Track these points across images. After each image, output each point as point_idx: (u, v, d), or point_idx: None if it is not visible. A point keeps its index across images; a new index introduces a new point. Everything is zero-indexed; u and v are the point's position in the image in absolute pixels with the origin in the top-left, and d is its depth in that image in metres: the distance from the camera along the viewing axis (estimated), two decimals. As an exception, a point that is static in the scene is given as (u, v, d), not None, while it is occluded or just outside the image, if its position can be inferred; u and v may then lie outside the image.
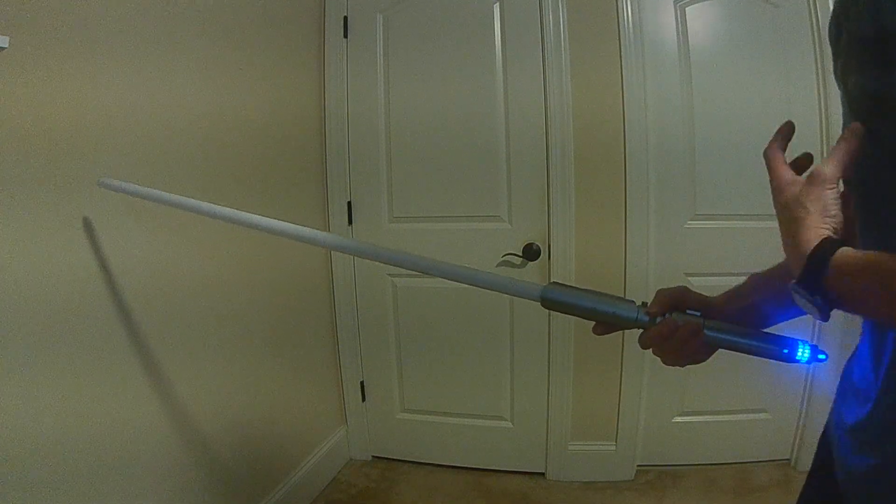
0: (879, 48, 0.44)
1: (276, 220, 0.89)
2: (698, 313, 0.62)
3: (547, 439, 2.10)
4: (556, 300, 0.65)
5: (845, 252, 0.45)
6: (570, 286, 0.66)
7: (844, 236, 0.48)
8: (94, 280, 1.16)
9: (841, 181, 0.49)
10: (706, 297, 0.66)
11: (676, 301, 0.63)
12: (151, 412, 1.33)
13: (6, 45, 0.93)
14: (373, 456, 2.28)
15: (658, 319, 0.62)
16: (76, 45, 1.10)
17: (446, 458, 2.20)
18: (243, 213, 0.94)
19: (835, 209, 0.48)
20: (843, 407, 0.59)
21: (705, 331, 0.60)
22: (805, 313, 0.50)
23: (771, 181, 0.52)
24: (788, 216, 0.50)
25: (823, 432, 0.68)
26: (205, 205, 1.00)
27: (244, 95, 1.65)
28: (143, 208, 1.26)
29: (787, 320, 0.66)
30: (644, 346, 0.62)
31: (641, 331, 0.63)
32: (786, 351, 0.57)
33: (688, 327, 0.60)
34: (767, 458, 2.05)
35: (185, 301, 1.43)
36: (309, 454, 2.02)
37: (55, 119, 1.06)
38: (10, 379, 0.98)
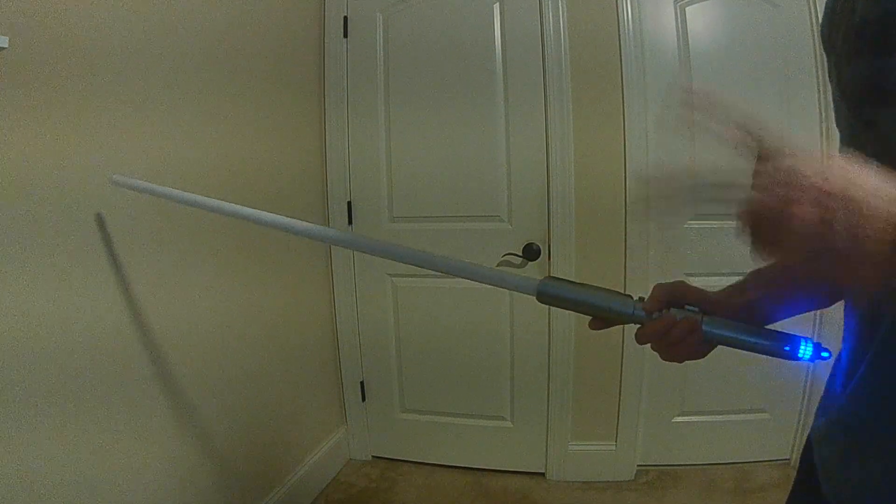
0: (880, 32, 0.43)
1: (281, 217, 0.92)
2: (696, 309, 0.60)
3: (547, 439, 2.10)
4: (551, 294, 0.64)
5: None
6: (567, 280, 0.65)
7: None
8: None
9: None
10: (705, 292, 0.64)
11: (674, 296, 0.61)
12: (153, 416, 1.33)
13: (6, 45, 0.93)
14: (373, 456, 2.28)
15: (655, 315, 0.60)
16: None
17: (446, 458, 2.20)
18: (252, 209, 0.97)
19: None
20: (822, 416, 0.58)
21: (703, 327, 0.59)
22: (807, 310, 0.47)
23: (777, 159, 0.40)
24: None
25: (804, 451, 0.66)
26: (213, 201, 1.03)
27: (243, 96, 1.65)
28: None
29: (788, 317, 0.64)
30: (641, 341, 0.61)
31: (639, 326, 0.62)
32: (787, 348, 0.55)
33: (685, 323, 0.58)
34: (767, 458, 2.05)
35: (187, 314, 1.43)
36: (309, 454, 2.02)
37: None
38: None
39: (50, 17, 1.04)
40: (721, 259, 1.93)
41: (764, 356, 0.58)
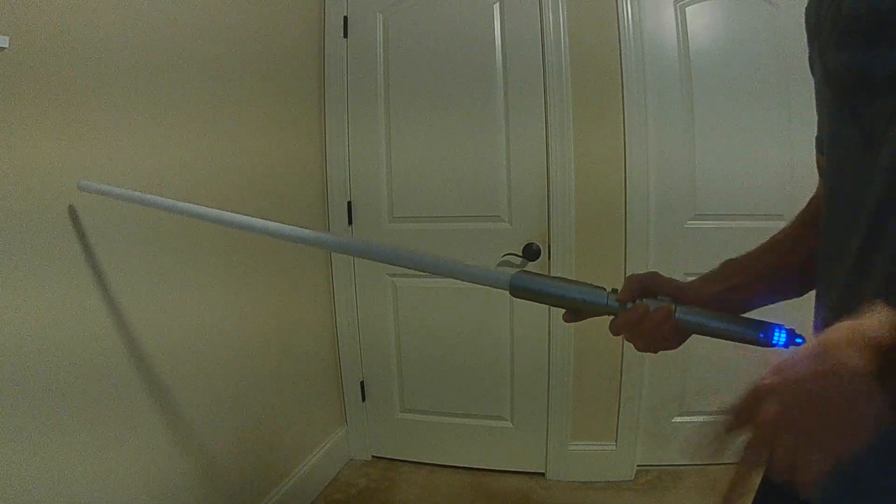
0: (867, 27, 0.44)
1: (260, 220, 0.84)
2: (670, 298, 0.61)
3: (547, 439, 2.10)
4: (524, 288, 0.64)
5: None
6: (539, 274, 0.66)
7: None
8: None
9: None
10: (678, 282, 0.65)
11: (647, 286, 0.62)
12: (154, 417, 1.33)
13: (6, 45, 0.93)
14: (373, 456, 2.28)
15: (629, 305, 0.60)
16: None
17: (446, 458, 2.20)
18: (232, 214, 0.89)
19: None
20: None
21: (677, 315, 0.59)
22: (778, 300, 0.46)
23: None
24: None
25: None
26: (185, 205, 0.98)
27: (243, 97, 1.65)
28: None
29: (761, 306, 0.65)
30: (615, 332, 0.61)
31: (613, 317, 0.62)
32: (761, 335, 0.55)
33: (659, 312, 0.59)
34: (767, 458, 2.05)
35: (182, 317, 1.43)
36: (309, 454, 2.02)
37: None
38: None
39: (50, 18, 1.04)
40: (721, 259, 1.93)
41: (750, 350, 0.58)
